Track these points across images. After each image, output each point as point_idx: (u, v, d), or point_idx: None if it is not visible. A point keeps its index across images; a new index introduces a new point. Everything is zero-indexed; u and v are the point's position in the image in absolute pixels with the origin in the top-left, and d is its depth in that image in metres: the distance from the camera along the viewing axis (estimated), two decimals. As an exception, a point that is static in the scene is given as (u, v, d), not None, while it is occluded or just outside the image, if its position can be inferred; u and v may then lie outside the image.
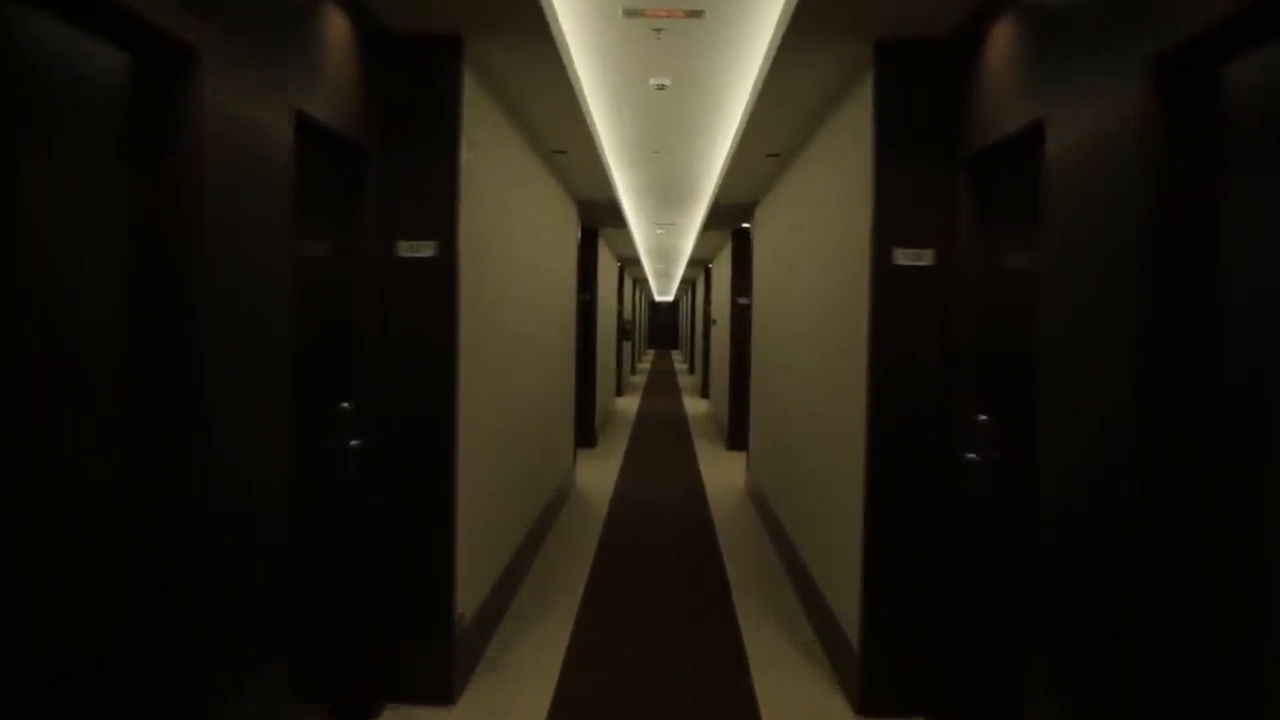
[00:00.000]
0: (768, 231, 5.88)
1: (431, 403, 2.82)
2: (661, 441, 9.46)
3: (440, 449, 2.83)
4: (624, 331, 15.20)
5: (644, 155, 5.52)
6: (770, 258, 5.72)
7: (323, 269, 2.54)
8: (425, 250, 2.81)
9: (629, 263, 13.93)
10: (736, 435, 8.68)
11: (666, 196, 7.13)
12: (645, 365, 24.46)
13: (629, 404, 13.54)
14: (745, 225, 8.14)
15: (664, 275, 17.96)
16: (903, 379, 2.78)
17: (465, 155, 2.93)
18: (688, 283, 20.35)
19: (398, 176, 2.81)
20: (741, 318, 8.62)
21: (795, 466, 4.43)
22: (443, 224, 2.82)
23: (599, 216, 7.69)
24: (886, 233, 2.78)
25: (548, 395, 5.39)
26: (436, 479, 2.84)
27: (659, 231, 9.93)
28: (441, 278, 2.82)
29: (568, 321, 6.45)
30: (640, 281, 20.33)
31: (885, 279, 2.78)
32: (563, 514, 5.84)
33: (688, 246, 11.17)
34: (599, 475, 7.26)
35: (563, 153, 4.81)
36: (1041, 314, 2.03)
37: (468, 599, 3.11)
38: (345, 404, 2.62)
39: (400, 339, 2.81)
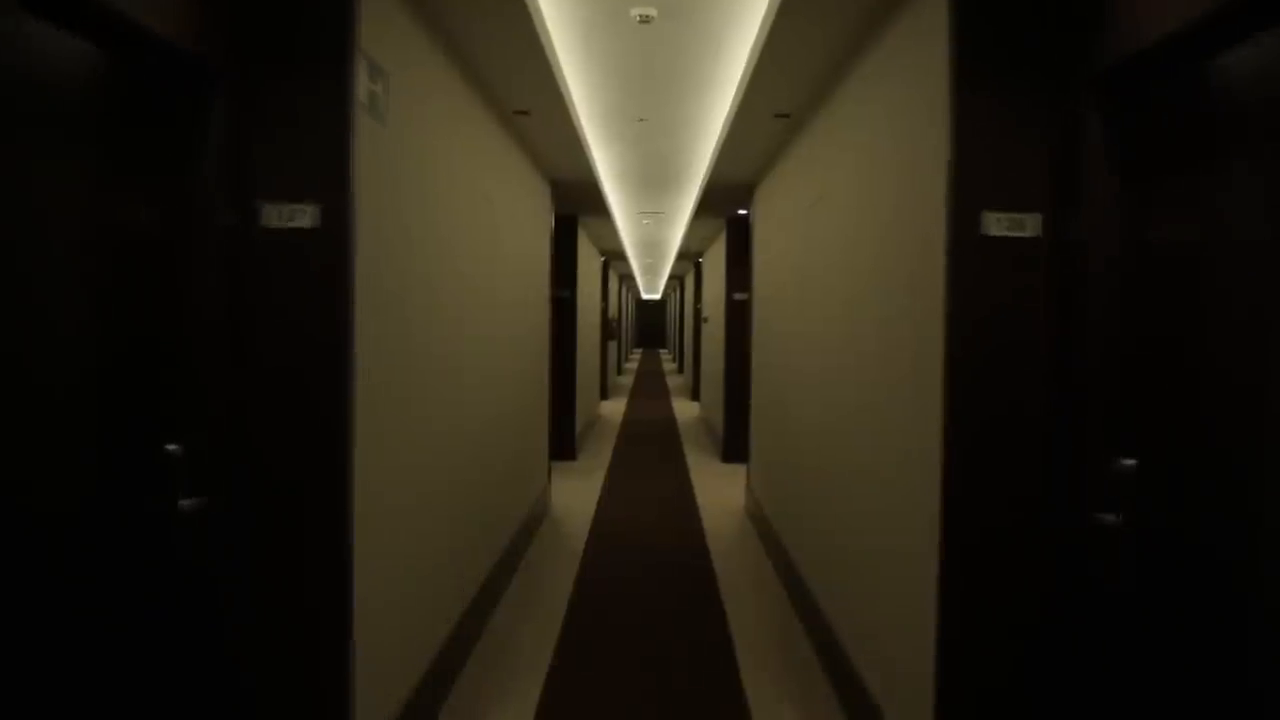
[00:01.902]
0: (771, 214, 5.02)
1: (311, 437, 1.94)
2: (649, 452, 8.60)
3: (326, 505, 1.95)
4: (609, 331, 14.34)
5: (627, 123, 4.66)
6: (775, 245, 4.87)
7: (137, 245, 1.67)
8: (303, 218, 1.93)
9: (614, 257, 13.05)
10: (733, 445, 7.84)
11: (653, 178, 6.27)
12: (632, 365, 23.60)
13: (615, 408, 12.68)
14: (742, 212, 7.30)
15: (651, 271, 17.09)
16: (999, 402, 1.92)
17: (365, 85, 2.05)
18: (676, 279, 19.50)
19: (260, 109, 1.92)
20: (738, 315, 7.78)
21: (814, 497, 3.58)
22: (329, 180, 1.94)
23: (578, 202, 6.81)
24: (972, 192, 1.92)
25: (513, 407, 4.51)
26: (321, 551, 1.96)
27: (646, 222, 9.06)
28: (328, 256, 1.94)
29: (540, 320, 5.57)
30: (626, 278, 19.47)
31: (969, 257, 1.92)
32: (532, 549, 4.97)
33: (677, 238, 10.32)
34: (578, 495, 6.39)
35: (526, 114, 3.93)
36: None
37: (378, 712, 2.24)
38: (172, 445, 1.74)
39: (264, 346, 1.93)
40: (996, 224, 1.91)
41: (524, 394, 4.89)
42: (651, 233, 10.14)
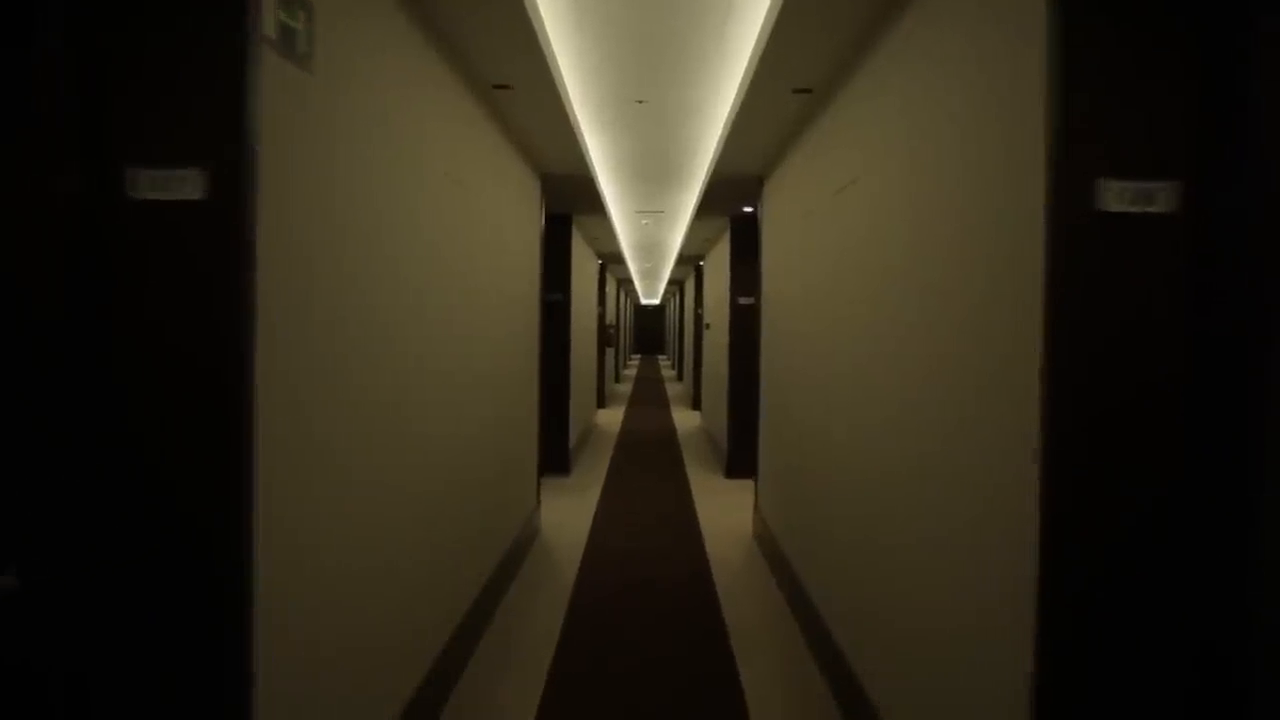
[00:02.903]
0: (784, 209, 4.54)
1: (193, 489, 1.45)
2: (648, 467, 8.09)
3: (214, 584, 1.45)
4: (606, 337, 13.86)
5: (623, 105, 4.18)
6: (788, 243, 4.38)
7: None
8: (184, 186, 1.44)
9: (611, 261, 12.57)
10: (737, 459, 7.34)
11: (653, 171, 5.79)
12: (630, 372, 23.11)
13: (612, 417, 12.18)
14: (748, 209, 6.82)
15: (650, 275, 16.62)
16: (1122, 440, 1.43)
17: (275, 14, 1.56)
18: (675, 284, 19.03)
19: (121, 39, 1.44)
20: (742, 320, 7.29)
21: (837, 528, 3.08)
22: (221, 135, 1.45)
23: (571, 198, 6.33)
24: (1082, 153, 1.43)
25: (497, 419, 4.02)
26: (201, 648, 1.46)
27: (645, 222, 8.58)
28: (220, 238, 1.45)
29: (529, 325, 5.08)
30: (625, 283, 18.98)
31: (1079, 241, 1.43)
32: (516, 585, 4.47)
33: (677, 240, 9.84)
34: (571, 515, 5.88)
35: (507, 88, 3.44)
36: None
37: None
38: (-19, 501, 1.24)
39: (123, 361, 1.44)
40: (1117, 196, 1.42)
41: (510, 405, 4.39)
42: (650, 234, 9.67)
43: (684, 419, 12.12)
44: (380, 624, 2.28)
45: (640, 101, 4.15)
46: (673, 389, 17.61)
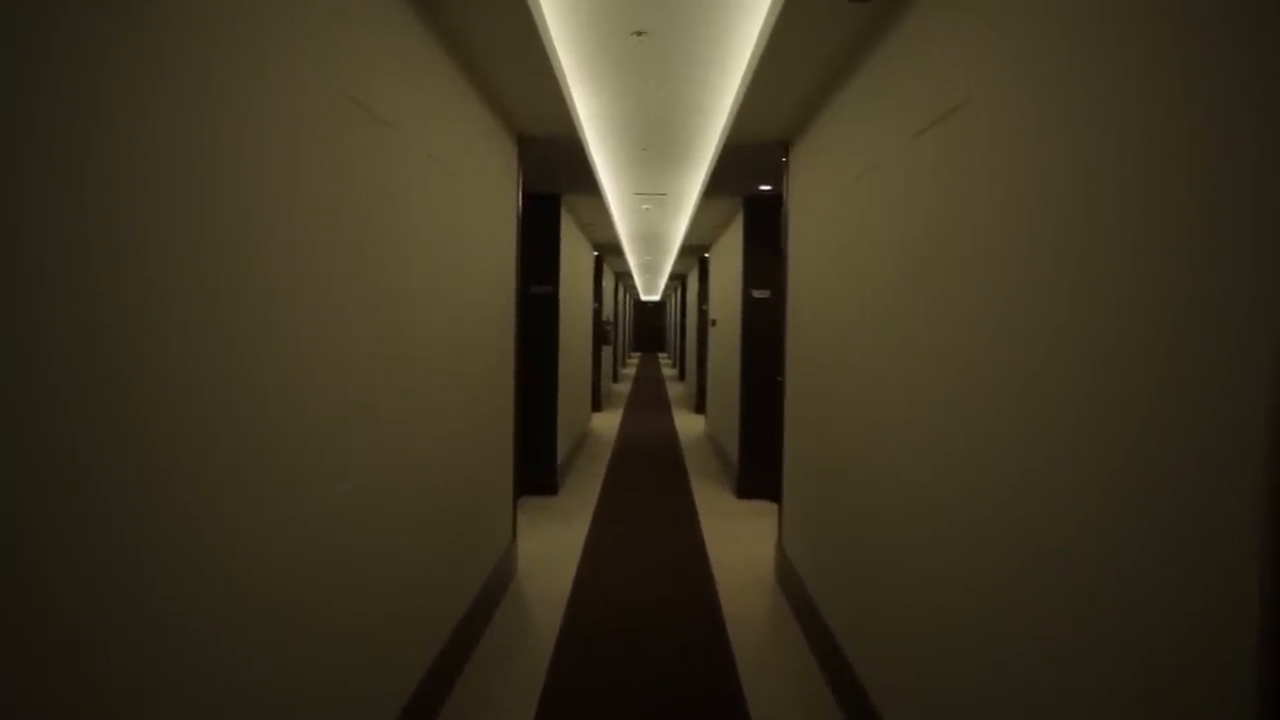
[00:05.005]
0: (822, 176, 3.58)
1: None
2: (648, 482, 7.13)
3: None
4: (602, 335, 12.91)
5: (618, 38, 3.22)
6: (828, 219, 3.43)
7: None
8: None
9: (609, 253, 11.60)
10: (750, 476, 6.39)
11: (654, 139, 4.82)
12: (629, 371, 22.15)
13: (609, 422, 11.22)
14: (765, 188, 5.86)
15: (650, 269, 15.65)
16: None
17: None
18: (677, 278, 18.07)
19: None
20: (758, 317, 6.35)
21: (906, 594, 2.12)
22: None
23: (558, 170, 5.37)
24: None
25: (449, 449, 3.06)
26: None
27: (645, 207, 7.62)
28: None
29: (501, 321, 4.12)
30: (624, 276, 18.02)
31: None
32: (483, 645, 3.51)
33: (680, 229, 8.88)
34: (554, 551, 4.93)
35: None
36: None
37: None
38: None
39: None
40: None
41: (472, 420, 3.43)
42: (652, 222, 8.70)
43: (687, 424, 11.16)
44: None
45: (639, 33, 3.19)
46: (674, 389, 16.65)
